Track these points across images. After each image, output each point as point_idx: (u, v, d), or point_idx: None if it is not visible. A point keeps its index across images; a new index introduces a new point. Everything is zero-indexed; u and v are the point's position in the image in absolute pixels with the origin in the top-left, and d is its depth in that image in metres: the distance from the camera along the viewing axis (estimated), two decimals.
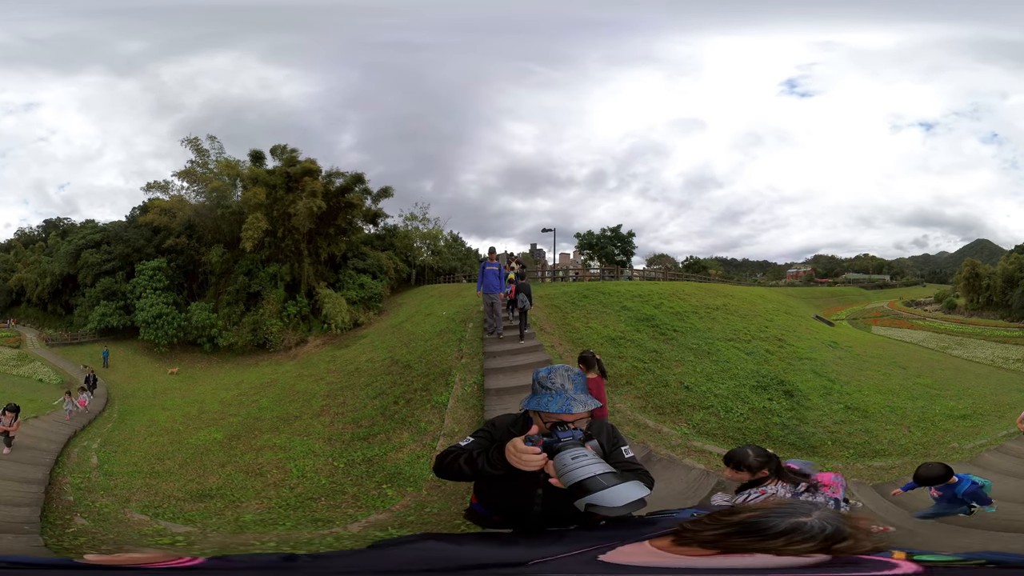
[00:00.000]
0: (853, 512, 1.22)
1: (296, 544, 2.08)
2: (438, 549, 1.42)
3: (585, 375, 1.83)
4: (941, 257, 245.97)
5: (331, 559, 1.35)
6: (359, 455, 7.39)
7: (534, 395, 1.83)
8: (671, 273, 41.67)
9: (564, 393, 1.77)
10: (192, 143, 31.34)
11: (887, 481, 5.81)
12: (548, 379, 1.82)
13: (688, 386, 9.08)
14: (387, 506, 5.79)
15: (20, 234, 64.71)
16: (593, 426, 1.90)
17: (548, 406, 1.75)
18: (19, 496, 6.41)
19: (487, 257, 10.67)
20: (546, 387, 1.80)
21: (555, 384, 1.79)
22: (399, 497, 5.94)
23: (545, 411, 1.76)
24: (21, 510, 5.87)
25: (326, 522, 5.54)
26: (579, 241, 53.77)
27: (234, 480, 7.43)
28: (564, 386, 1.79)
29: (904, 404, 9.92)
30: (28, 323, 40.80)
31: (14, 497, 6.33)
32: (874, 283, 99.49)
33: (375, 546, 1.55)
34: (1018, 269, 49.38)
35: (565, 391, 1.77)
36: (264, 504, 6.35)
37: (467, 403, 7.79)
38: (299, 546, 1.87)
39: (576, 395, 1.77)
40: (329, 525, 5.44)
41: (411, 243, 37.54)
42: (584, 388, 1.82)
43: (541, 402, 1.77)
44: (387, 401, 9.19)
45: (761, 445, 3.86)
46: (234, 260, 30.43)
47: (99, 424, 14.26)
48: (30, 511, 5.87)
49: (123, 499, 7.10)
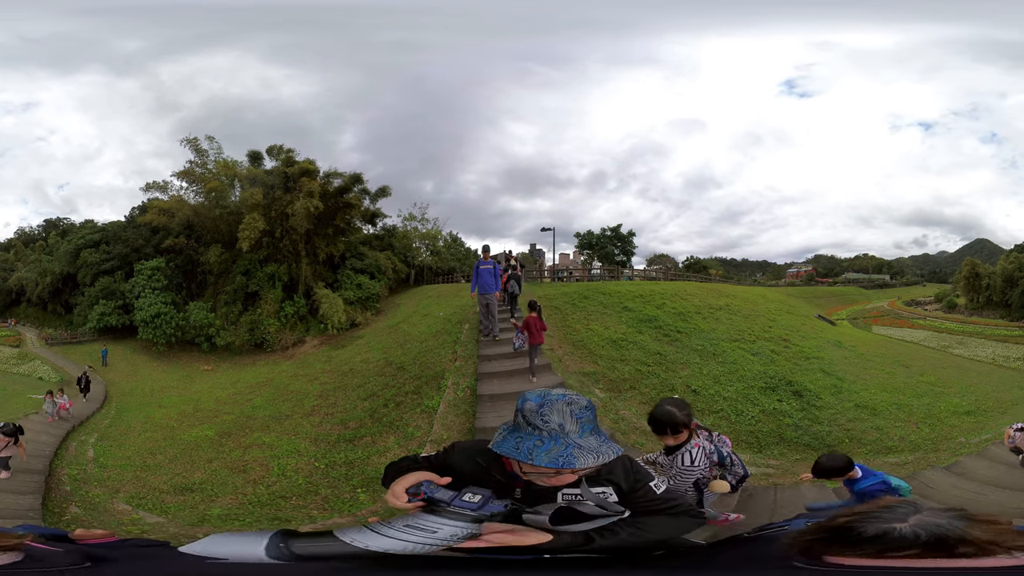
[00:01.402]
0: (976, 512, 1.09)
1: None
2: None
3: (590, 408, 1.28)
4: (941, 257, 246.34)
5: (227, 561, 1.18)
6: (341, 457, 7.32)
7: (515, 431, 1.26)
8: (671, 273, 41.54)
9: (562, 437, 1.20)
10: (191, 143, 31.25)
11: (905, 476, 5.71)
12: (538, 414, 1.23)
13: (696, 389, 8.93)
14: (354, 511, 5.67)
15: (20, 233, 64.82)
16: (604, 464, 1.31)
17: (534, 456, 1.18)
18: (24, 486, 6.92)
19: (481, 256, 10.35)
20: (534, 425, 1.23)
21: (549, 423, 1.22)
22: (371, 502, 5.80)
23: (528, 462, 1.20)
24: (26, 498, 6.38)
25: (284, 521, 5.51)
26: (579, 241, 53.81)
27: (218, 476, 7.54)
28: (564, 427, 1.21)
29: (910, 401, 9.90)
30: (28, 322, 40.70)
31: (19, 487, 6.85)
32: (874, 283, 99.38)
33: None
34: (1018, 268, 49.25)
35: (565, 434, 1.20)
36: (237, 500, 6.43)
37: (458, 408, 7.57)
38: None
39: (583, 439, 1.21)
40: (286, 524, 5.34)
41: (410, 243, 37.43)
42: (594, 427, 1.25)
43: (522, 448, 1.20)
44: (377, 403, 9.08)
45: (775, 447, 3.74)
46: (232, 260, 30.32)
47: (97, 420, 14.52)
48: (33, 499, 6.37)
49: (113, 490, 7.40)
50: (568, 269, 37.65)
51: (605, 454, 1.21)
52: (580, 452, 1.18)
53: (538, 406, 1.25)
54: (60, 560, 1.11)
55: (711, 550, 1.35)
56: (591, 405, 1.28)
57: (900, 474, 5.99)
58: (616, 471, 1.36)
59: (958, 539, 0.89)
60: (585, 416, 1.24)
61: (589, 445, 1.20)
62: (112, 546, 1.29)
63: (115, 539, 1.34)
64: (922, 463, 6.31)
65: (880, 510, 0.96)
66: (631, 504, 1.35)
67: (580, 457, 1.18)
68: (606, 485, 1.34)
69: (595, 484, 1.33)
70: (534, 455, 1.19)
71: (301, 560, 1.12)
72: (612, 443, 1.25)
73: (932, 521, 0.91)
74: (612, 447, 1.24)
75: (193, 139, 31.34)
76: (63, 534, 1.33)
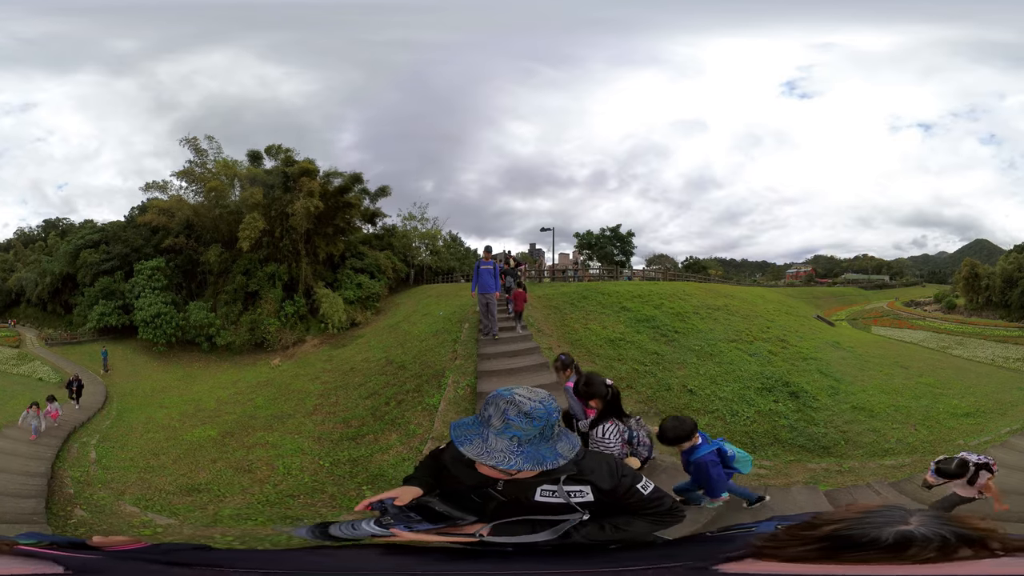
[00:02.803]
0: (965, 516, 1.06)
1: (247, 539, 1.99)
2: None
3: (555, 409, 1.37)
4: (940, 257, 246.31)
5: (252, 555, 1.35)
6: (345, 455, 7.34)
7: (479, 425, 1.36)
8: (671, 273, 41.58)
9: (494, 430, 1.31)
10: (190, 143, 31.25)
11: (900, 479, 5.73)
12: (484, 406, 1.37)
13: (692, 389, 8.97)
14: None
15: (19, 234, 64.80)
16: (586, 461, 1.42)
17: (463, 444, 1.32)
18: (26, 488, 6.84)
19: (482, 256, 10.55)
20: (482, 418, 1.35)
21: (485, 414, 1.34)
22: None
23: (481, 462, 1.32)
24: (28, 502, 6.26)
25: (295, 519, 5.54)
26: (578, 241, 53.84)
27: (223, 476, 7.51)
28: (492, 421, 1.32)
29: (908, 403, 9.90)
30: (27, 323, 40.66)
31: (21, 489, 6.77)
32: (873, 283, 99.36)
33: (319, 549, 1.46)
34: (1017, 269, 49.33)
35: (489, 428, 1.32)
36: (246, 499, 6.42)
37: (459, 406, 7.65)
38: (250, 541, 1.79)
39: (525, 445, 1.29)
40: (298, 523, 5.38)
41: (409, 243, 37.46)
42: (548, 434, 1.32)
43: (462, 438, 1.34)
44: (379, 402, 9.11)
45: (769, 448, 3.79)
46: (232, 260, 30.33)
47: (98, 421, 14.42)
48: (36, 503, 6.25)
49: (118, 492, 7.34)
50: (573, 269, 37.66)
51: (549, 461, 1.29)
52: (499, 454, 1.28)
53: (493, 398, 1.35)
54: (92, 569, 1.06)
55: (666, 546, 1.41)
56: (551, 407, 1.34)
57: (896, 477, 6.04)
58: (598, 471, 1.42)
59: (949, 543, 0.88)
60: (539, 415, 1.30)
61: (530, 453, 1.28)
62: (145, 552, 1.26)
63: (144, 544, 1.30)
64: (919, 466, 6.31)
65: (868, 514, 0.95)
66: (615, 503, 1.42)
67: (502, 456, 1.27)
68: (585, 484, 1.40)
69: (574, 483, 1.40)
70: (463, 443, 1.31)
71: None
72: (558, 450, 1.33)
73: (932, 520, 0.91)
74: (567, 454, 1.33)
75: (192, 139, 31.37)
76: (80, 541, 1.27)
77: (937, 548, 0.87)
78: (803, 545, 0.95)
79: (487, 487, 1.43)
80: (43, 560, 1.02)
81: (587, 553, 1.32)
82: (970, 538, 0.89)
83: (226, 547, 1.51)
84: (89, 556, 1.16)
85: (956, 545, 0.88)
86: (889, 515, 0.94)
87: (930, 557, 0.87)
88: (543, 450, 1.31)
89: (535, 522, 1.37)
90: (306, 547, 1.47)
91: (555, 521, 1.36)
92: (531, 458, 1.28)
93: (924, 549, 0.87)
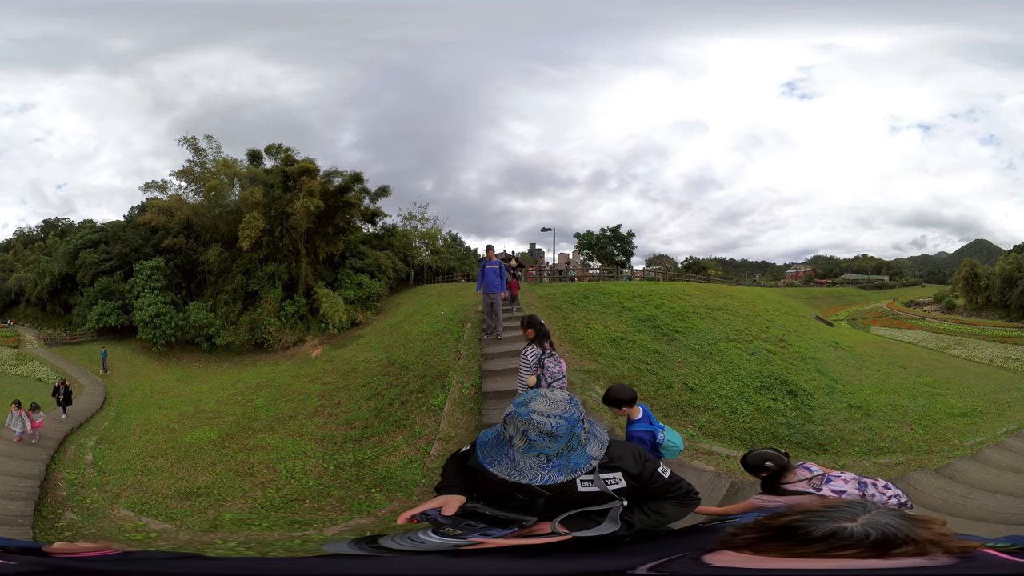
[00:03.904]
0: (918, 513, 1.10)
1: (252, 545, 1.90)
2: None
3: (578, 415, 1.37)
4: (940, 257, 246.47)
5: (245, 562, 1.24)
6: (350, 457, 7.29)
7: (497, 441, 1.37)
8: (670, 273, 41.58)
9: (520, 451, 1.30)
10: (190, 142, 31.22)
11: (894, 477, 5.75)
12: (503, 427, 1.35)
13: (692, 387, 9.02)
14: (372, 511, 5.66)
15: (19, 234, 64.70)
16: (612, 449, 1.45)
17: (491, 465, 1.33)
18: (16, 490, 6.61)
19: (486, 256, 10.51)
20: (504, 437, 1.34)
21: (506, 434, 1.33)
22: (387, 502, 5.79)
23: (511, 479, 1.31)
24: (16, 504, 6.05)
25: (304, 524, 5.45)
26: (578, 241, 53.87)
27: (223, 479, 7.40)
28: (515, 442, 1.30)
29: (905, 403, 9.92)
30: (27, 323, 40.66)
31: (11, 491, 6.53)
32: (873, 283, 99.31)
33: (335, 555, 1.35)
34: (1016, 269, 49.40)
35: (514, 448, 1.31)
36: (248, 504, 6.31)
37: (464, 406, 7.63)
38: (254, 547, 1.70)
39: (555, 459, 1.30)
40: (307, 527, 5.34)
41: (410, 243, 37.43)
42: (575, 444, 1.32)
43: (489, 458, 1.35)
44: (382, 403, 9.09)
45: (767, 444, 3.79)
46: (232, 259, 30.29)
47: (96, 422, 14.28)
48: (25, 505, 6.06)
49: (113, 495, 7.19)
50: (576, 269, 37.66)
51: (564, 472, 1.30)
52: (526, 470, 1.29)
53: (513, 412, 1.34)
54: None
55: (665, 536, 1.44)
56: (573, 416, 1.33)
57: (888, 476, 6.07)
58: (625, 458, 1.47)
59: (903, 538, 0.91)
60: (560, 430, 1.29)
61: (562, 466, 1.29)
62: (110, 560, 1.13)
63: (112, 552, 1.17)
64: (913, 465, 6.32)
65: (829, 509, 0.98)
66: (642, 487, 1.47)
67: (528, 472, 1.28)
68: (616, 471, 1.45)
69: (606, 470, 1.44)
70: (493, 464, 1.32)
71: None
72: (588, 453, 1.34)
73: (881, 520, 0.94)
74: (582, 464, 1.32)
75: (191, 138, 31.35)
76: (35, 547, 1.16)
77: (871, 545, 0.90)
78: (758, 534, 0.99)
79: (531, 486, 1.43)
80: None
81: (647, 538, 1.36)
82: (913, 539, 0.92)
83: (228, 555, 1.37)
84: (36, 561, 1.08)
85: (895, 544, 0.91)
86: (847, 511, 0.97)
87: (854, 553, 0.90)
88: (574, 458, 1.32)
89: (591, 513, 1.40)
90: (353, 555, 1.32)
91: (604, 511, 1.40)
92: (564, 469, 1.30)
93: (852, 545, 0.90)
